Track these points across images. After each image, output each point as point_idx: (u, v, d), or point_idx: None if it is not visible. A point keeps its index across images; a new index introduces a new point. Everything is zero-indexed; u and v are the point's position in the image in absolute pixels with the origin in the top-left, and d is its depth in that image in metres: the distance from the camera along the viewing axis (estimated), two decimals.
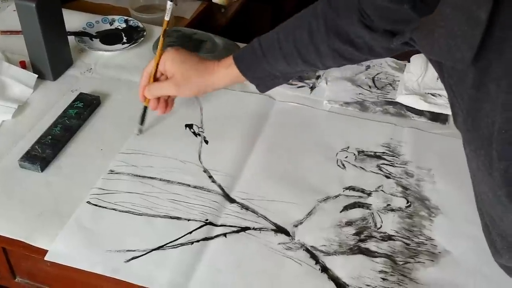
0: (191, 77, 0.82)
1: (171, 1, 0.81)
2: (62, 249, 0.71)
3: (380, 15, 0.69)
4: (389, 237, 0.75)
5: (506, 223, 0.56)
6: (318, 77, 1.04)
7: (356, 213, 0.78)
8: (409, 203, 0.80)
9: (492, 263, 0.68)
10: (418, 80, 1.00)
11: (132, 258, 0.71)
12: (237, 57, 0.81)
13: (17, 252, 0.74)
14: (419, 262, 0.72)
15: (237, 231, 0.75)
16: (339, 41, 0.74)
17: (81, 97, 0.95)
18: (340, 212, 0.78)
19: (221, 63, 0.83)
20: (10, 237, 0.73)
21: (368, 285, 0.69)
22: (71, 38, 1.07)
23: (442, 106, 0.96)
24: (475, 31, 0.47)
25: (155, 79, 0.85)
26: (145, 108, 0.88)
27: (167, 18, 0.83)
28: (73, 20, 1.13)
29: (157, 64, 0.84)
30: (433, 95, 0.98)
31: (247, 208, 0.78)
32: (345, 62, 0.78)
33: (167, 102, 0.87)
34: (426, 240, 0.75)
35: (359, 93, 1.01)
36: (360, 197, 0.81)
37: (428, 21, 0.54)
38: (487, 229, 0.62)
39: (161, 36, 0.85)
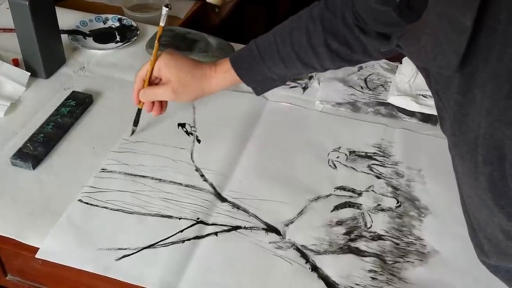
0: (188, 83, 0.81)
1: (166, 6, 0.80)
2: (53, 247, 0.71)
3: (373, 17, 0.70)
4: (379, 237, 0.75)
5: (492, 226, 0.56)
6: (310, 78, 1.05)
7: (346, 213, 0.79)
8: (399, 203, 0.80)
9: (480, 263, 0.68)
10: (410, 82, 1.01)
11: (123, 257, 0.71)
12: (234, 61, 0.81)
13: (8, 249, 0.74)
14: (408, 261, 0.72)
15: (228, 230, 0.75)
16: (337, 43, 0.74)
17: (73, 96, 0.95)
18: (331, 211, 0.79)
19: (218, 68, 0.82)
20: (1, 234, 0.73)
21: (357, 284, 0.69)
22: (64, 37, 1.07)
23: (433, 107, 0.95)
24: (461, 38, 0.47)
25: (150, 83, 0.84)
26: (139, 110, 0.88)
27: (162, 24, 0.82)
28: (66, 18, 1.13)
29: (152, 68, 0.83)
30: (424, 96, 0.98)
31: (238, 207, 0.79)
32: (343, 63, 0.78)
33: (162, 104, 0.87)
34: (416, 240, 0.75)
35: (351, 94, 1.01)
36: (351, 197, 0.81)
37: (414, 28, 0.54)
38: (473, 232, 0.63)
39: (156, 41, 0.83)
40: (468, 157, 0.53)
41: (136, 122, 0.89)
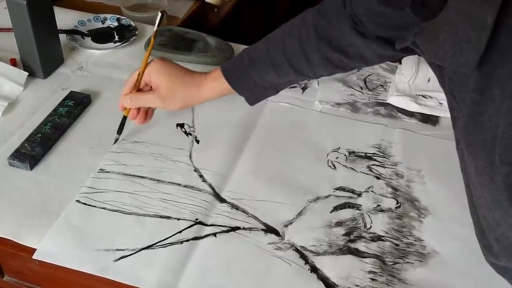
0: (177, 90, 0.79)
1: (161, 13, 0.78)
2: (51, 248, 0.71)
3: (375, 21, 0.69)
4: (378, 238, 0.75)
5: (504, 227, 0.56)
6: None
7: (346, 214, 0.78)
8: (399, 204, 0.80)
9: (480, 264, 0.68)
10: (409, 82, 1.00)
11: (121, 257, 0.70)
12: (225, 69, 0.79)
13: (6, 250, 0.73)
14: (408, 262, 0.72)
15: (227, 231, 0.75)
16: (331, 49, 0.73)
17: (71, 96, 0.95)
18: (330, 212, 0.78)
19: (209, 76, 0.80)
20: None
21: (357, 286, 0.69)
22: (62, 36, 1.07)
23: (433, 107, 0.96)
24: (481, 36, 0.47)
25: (139, 90, 0.82)
26: (125, 118, 0.86)
27: (156, 27, 0.79)
28: (64, 18, 1.12)
29: (142, 74, 0.80)
30: (424, 96, 0.98)
31: (237, 208, 0.78)
32: (337, 70, 0.77)
33: (147, 112, 0.85)
34: (415, 240, 0.75)
35: (351, 94, 1.01)
36: (350, 197, 0.81)
37: (432, 25, 0.54)
38: (482, 233, 0.62)
39: (151, 42, 0.81)
40: (484, 157, 0.52)
41: (120, 130, 0.87)
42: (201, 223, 0.76)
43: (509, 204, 0.51)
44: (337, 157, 0.88)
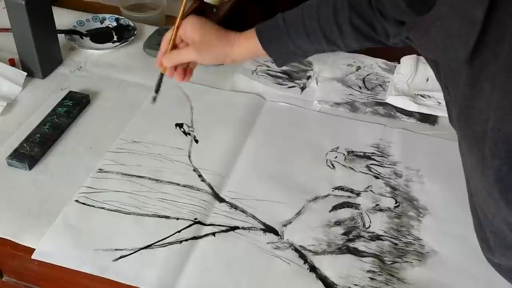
0: (212, 44, 0.80)
1: None
2: (50, 248, 0.71)
3: (391, 3, 0.70)
4: (377, 237, 0.75)
5: (498, 219, 0.56)
6: (308, 78, 1.05)
7: (345, 213, 0.78)
8: (397, 203, 0.80)
9: (479, 263, 0.68)
10: (408, 82, 1.00)
11: (120, 257, 0.70)
12: (259, 30, 0.80)
13: (4, 250, 0.73)
14: (407, 262, 0.72)
15: (226, 231, 0.75)
16: (361, 22, 0.74)
17: (70, 96, 0.94)
18: (329, 212, 0.79)
19: (243, 35, 0.81)
20: None
21: (356, 285, 0.69)
22: (61, 36, 1.06)
23: (432, 107, 0.96)
24: (471, 30, 0.48)
25: (174, 47, 0.81)
26: (162, 76, 0.84)
27: None
28: (63, 18, 1.12)
29: (177, 31, 0.80)
30: (422, 96, 0.98)
31: (236, 207, 0.78)
32: (367, 42, 0.78)
33: (186, 70, 0.84)
34: (414, 240, 0.75)
35: (349, 94, 1.01)
36: (349, 197, 0.81)
37: (425, 20, 0.55)
38: (480, 227, 0.63)
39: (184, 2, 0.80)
40: (475, 151, 0.53)
41: (158, 88, 0.84)
42: (200, 222, 0.76)
43: (500, 197, 0.52)
44: (336, 157, 0.88)
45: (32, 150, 0.83)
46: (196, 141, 0.89)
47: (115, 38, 1.13)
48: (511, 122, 0.47)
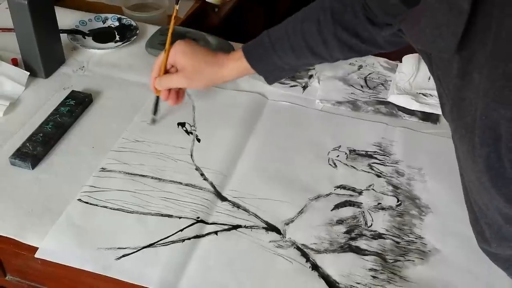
0: (201, 69, 0.83)
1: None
2: (53, 247, 0.71)
3: (382, 8, 0.71)
4: (379, 236, 0.75)
5: (492, 210, 0.57)
6: (310, 77, 1.05)
7: (347, 212, 0.79)
8: (399, 202, 0.80)
9: (481, 261, 0.68)
10: (410, 80, 1.00)
11: (123, 256, 0.71)
12: (246, 50, 0.82)
13: (8, 249, 0.74)
14: (409, 260, 0.72)
15: (228, 229, 0.75)
16: (346, 33, 0.75)
17: (73, 95, 0.95)
18: (331, 210, 0.79)
19: (231, 56, 0.84)
20: (0, 234, 0.73)
21: (358, 283, 0.69)
22: (63, 36, 1.07)
23: (433, 106, 0.96)
24: (458, 20, 0.48)
25: (166, 71, 0.86)
26: (157, 98, 0.89)
27: (176, 7, 0.83)
28: (65, 18, 1.13)
29: (167, 56, 0.84)
30: (424, 95, 0.98)
31: (238, 206, 0.78)
32: (352, 54, 0.79)
33: (178, 93, 0.88)
34: (416, 238, 0.75)
35: (351, 93, 1.01)
36: (351, 195, 0.81)
37: (414, 12, 0.56)
38: (475, 221, 0.63)
39: (171, 24, 0.84)
40: (466, 140, 0.53)
41: (155, 110, 0.90)
42: (202, 221, 0.76)
43: (491, 185, 0.52)
44: (338, 156, 0.88)
45: (35, 150, 0.83)
46: (198, 140, 0.89)
47: (117, 38, 1.13)
48: (497, 109, 0.48)
